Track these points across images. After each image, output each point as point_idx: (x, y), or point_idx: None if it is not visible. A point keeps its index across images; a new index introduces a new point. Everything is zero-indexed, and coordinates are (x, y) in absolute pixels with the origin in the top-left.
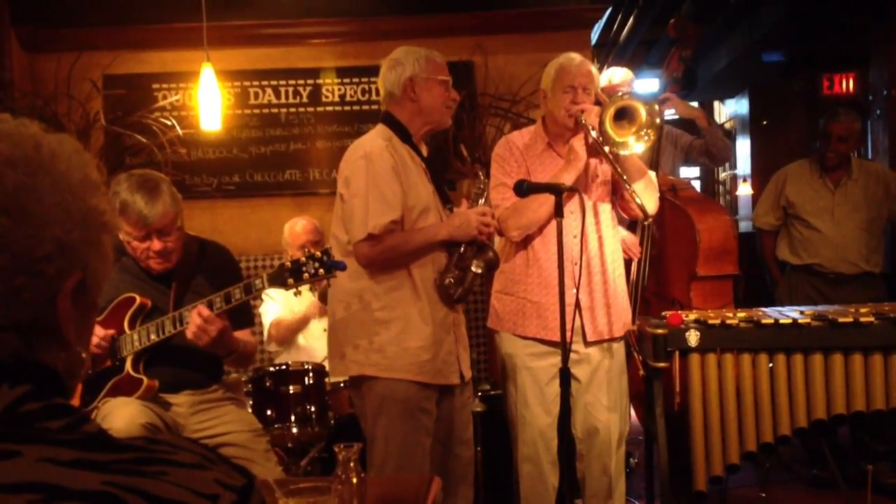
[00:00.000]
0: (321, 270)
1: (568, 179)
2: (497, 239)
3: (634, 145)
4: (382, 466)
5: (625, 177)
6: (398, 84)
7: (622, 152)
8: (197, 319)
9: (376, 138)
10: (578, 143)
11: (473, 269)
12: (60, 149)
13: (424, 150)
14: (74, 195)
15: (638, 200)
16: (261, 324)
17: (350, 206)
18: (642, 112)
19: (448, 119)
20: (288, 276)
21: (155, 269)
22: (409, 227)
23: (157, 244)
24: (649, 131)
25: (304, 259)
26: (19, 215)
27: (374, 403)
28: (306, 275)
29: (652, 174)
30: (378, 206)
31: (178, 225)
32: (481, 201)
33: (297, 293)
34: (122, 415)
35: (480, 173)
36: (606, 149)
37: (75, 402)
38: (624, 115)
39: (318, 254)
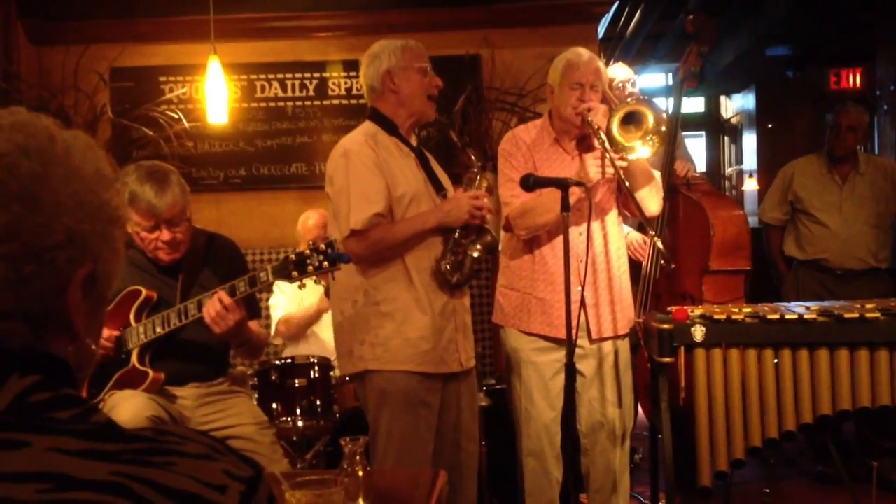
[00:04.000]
0: (325, 263)
1: (575, 190)
2: (502, 234)
3: (640, 150)
4: (384, 459)
5: (627, 183)
6: (377, 78)
7: (629, 156)
8: (217, 305)
9: (357, 134)
10: (593, 163)
11: (471, 253)
12: (74, 143)
13: (414, 140)
14: (87, 188)
15: (640, 205)
16: (269, 316)
17: (335, 204)
18: (650, 118)
19: (431, 110)
20: (292, 268)
21: (163, 259)
22: (400, 217)
23: (166, 234)
24: (654, 137)
25: (308, 251)
26: (31, 203)
27: (376, 396)
28: (311, 267)
29: (657, 174)
30: (359, 202)
31: (186, 215)
32: (474, 187)
33: (302, 286)
34: (127, 408)
35: (472, 157)
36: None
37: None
38: (631, 120)
39: (323, 246)
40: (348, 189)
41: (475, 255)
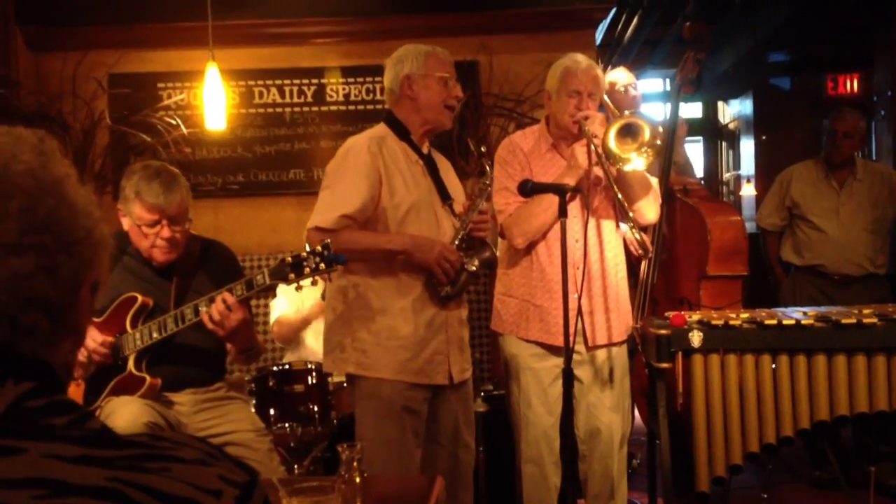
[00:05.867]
0: (322, 265)
1: (569, 182)
2: (499, 241)
3: (636, 161)
4: (369, 465)
5: (619, 195)
6: (397, 81)
7: (625, 168)
8: (220, 306)
9: (362, 137)
10: (580, 150)
11: (468, 267)
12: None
13: (426, 148)
14: (88, 200)
15: (630, 216)
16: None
17: (319, 195)
18: (646, 131)
19: (447, 119)
20: (289, 270)
21: (158, 259)
22: (394, 226)
23: (166, 231)
24: (650, 150)
25: (304, 254)
26: (60, 200)
27: (361, 402)
28: (307, 269)
29: (655, 181)
30: (332, 201)
31: (188, 217)
32: (483, 198)
33: (299, 288)
34: (124, 414)
35: (487, 167)
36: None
37: (77, 401)
38: (628, 132)
39: (319, 248)
40: (331, 186)
41: (472, 269)
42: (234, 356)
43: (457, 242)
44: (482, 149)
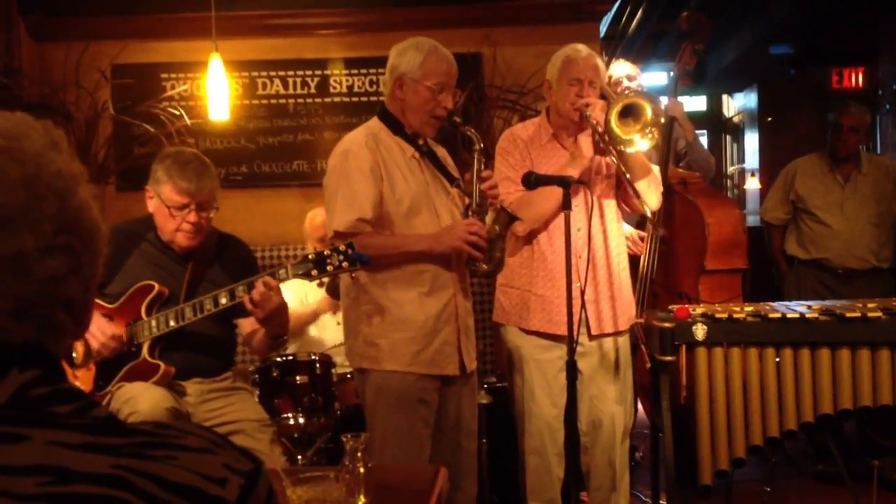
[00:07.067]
0: (345, 263)
1: (572, 174)
2: None
3: (639, 143)
4: (380, 456)
5: (628, 175)
6: (391, 76)
7: (628, 150)
8: (261, 287)
9: (359, 134)
10: (586, 140)
11: (491, 235)
12: None
13: (421, 140)
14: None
15: (640, 197)
16: None
17: (326, 201)
18: (648, 110)
19: (430, 129)
20: (312, 267)
21: (181, 243)
22: (400, 221)
23: (193, 216)
24: (654, 129)
25: (328, 252)
26: (81, 199)
27: (372, 394)
28: (330, 267)
29: (656, 169)
30: (346, 204)
31: (215, 205)
32: (482, 165)
33: (321, 284)
34: (147, 398)
35: (469, 133)
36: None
37: (87, 386)
38: (629, 113)
39: (343, 247)
40: (338, 189)
41: (494, 235)
42: (264, 342)
43: (471, 214)
44: (455, 119)
